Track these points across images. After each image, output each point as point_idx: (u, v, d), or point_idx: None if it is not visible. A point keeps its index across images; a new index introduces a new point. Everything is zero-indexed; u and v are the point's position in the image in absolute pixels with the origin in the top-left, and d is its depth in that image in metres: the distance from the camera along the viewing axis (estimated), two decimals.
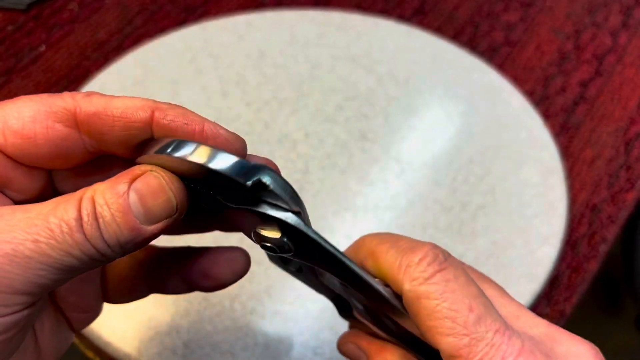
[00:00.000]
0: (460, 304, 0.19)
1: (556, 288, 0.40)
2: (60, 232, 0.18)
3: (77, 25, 0.52)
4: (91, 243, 0.18)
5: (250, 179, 0.19)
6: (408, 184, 0.42)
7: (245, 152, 0.21)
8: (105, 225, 0.18)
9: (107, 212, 0.18)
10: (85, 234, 0.18)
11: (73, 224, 0.18)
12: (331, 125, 0.45)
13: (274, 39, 0.49)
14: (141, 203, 0.19)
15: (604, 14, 0.53)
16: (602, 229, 0.42)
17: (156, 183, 0.19)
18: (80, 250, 0.18)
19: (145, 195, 0.19)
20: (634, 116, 0.47)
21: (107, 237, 0.18)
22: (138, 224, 0.18)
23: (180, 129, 0.20)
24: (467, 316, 0.19)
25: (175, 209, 0.19)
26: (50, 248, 0.18)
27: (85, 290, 0.24)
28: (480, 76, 0.48)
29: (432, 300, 0.20)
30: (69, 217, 0.18)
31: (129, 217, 0.18)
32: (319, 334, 0.37)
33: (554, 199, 0.42)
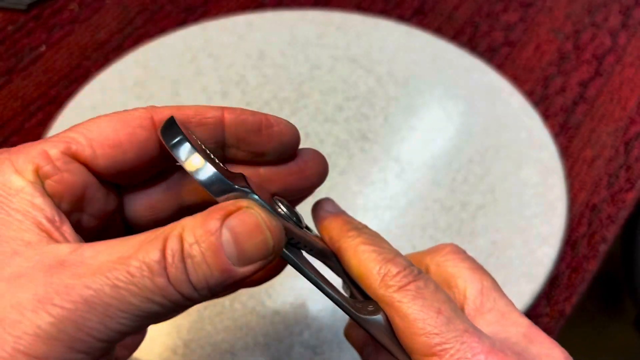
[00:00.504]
0: (430, 307, 0.21)
1: (556, 288, 0.40)
2: (140, 277, 0.16)
3: (78, 25, 0.52)
4: (175, 287, 0.17)
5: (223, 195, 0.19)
6: (408, 184, 0.42)
7: (298, 141, 0.23)
8: (194, 266, 0.17)
9: (197, 252, 0.17)
10: (169, 277, 0.16)
11: (155, 267, 0.16)
12: (331, 125, 0.45)
13: (274, 39, 0.49)
14: (235, 242, 0.17)
15: (603, 14, 0.53)
16: (602, 229, 0.42)
17: (253, 221, 0.18)
18: (163, 296, 0.16)
19: (239, 234, 0.17)
20: (634, 116, 0.47)
21: (194, 280, 0.17)
22: (230, 265, 0.17)
23: (249, 121, 0.21)
24: (437, 318, 0.20)
25: (271, 251, 0.18)
26: (130, 294, 0.16)
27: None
28: (480, 76, 0.48)
29: (404, 304, 0.21)
30: (151, 259, 0.16)
31: (221, 257, 0.17)
32: (319, 334, 0.37)
33: (553, 198, 0.42)
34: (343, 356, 0.36)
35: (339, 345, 0.36)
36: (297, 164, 0.23)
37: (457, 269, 0.24)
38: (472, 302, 0.23)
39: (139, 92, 0.47)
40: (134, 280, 0.16)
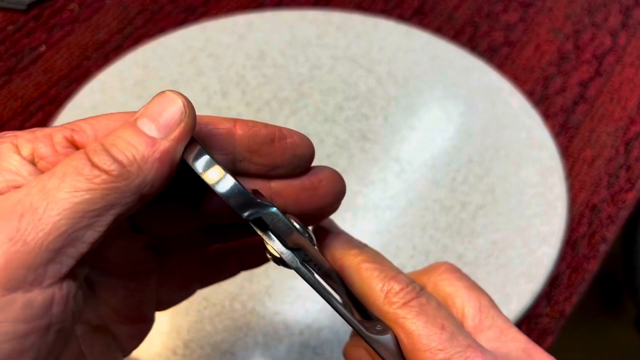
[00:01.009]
0: (434, 323, 0.21)
1: (556, 288, 0.40)
2: (64, 173, 0.17)
3: (78, 25, 0.52)
4: (101, 168, 0.17)
5: (249, 213, 0.19)
6: (408, 184, 0.42)
7: (312, 154, 0.23)
8: (117, 147, 0.18)
9: (116, 139, 0.18)
10: (92, 162, 0.17)
11: (80, 161, 0.17)
12: (331, 125, 0.45)
13: (274, 39, 0.49)
14: (150, 119, 0.18)
15: (603, 14, 0.53)
16: (602, 229, 0.42)
17: (164, 94, 0.19)
18: (92, 182, 0.17)
19: (152, 109, 0.19)
20: (634, 116, 0.47)
21: (119, 157, 0.17)
22: (151, 137, 0.18)
23: (261, 133, 0.21)
24: (441, 334, 0.21)
25: (185, 111, 0.19)
26: (60, 191, 0.17)
27: (142, 296, 0.24)
28: (480, 76, 0.48)
29: (408, 320, 0.21)
30: (74, 157, 0.17)
31: (140, 133, 0.18)
32: (319, 334, 0.37)
33: (553, 198, 0.42)
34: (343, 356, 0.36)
35: (339, 345, 0.36)
36: (310, 179, 0.23)
37: (454, 288, 0.24)
38: (470, 320, 0.23)
39: (139, 92, 0.47)
40: (62, 179, 0.17)
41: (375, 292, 0.22)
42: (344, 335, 0.37)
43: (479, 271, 0.39)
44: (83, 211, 0.17)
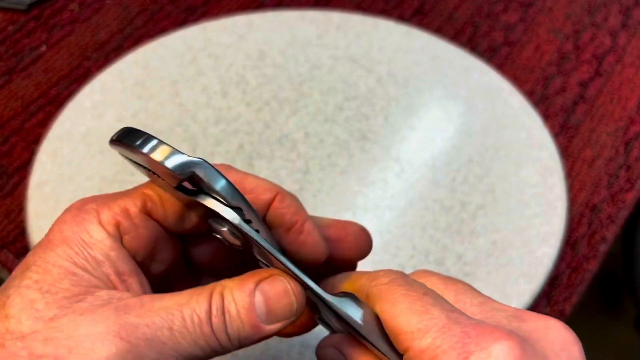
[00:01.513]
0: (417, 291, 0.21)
1: (556, 288, 0.40)
2: (191, 323, 0.20)
3: (78, 25, 0.52)
4: (216, 335, 0.20)
5: (184, 172, 0.20)
6: (408, 184, 0.42)
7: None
8: (231, 320, 0.20)
9: (233, 309, 0.20)
10: (212, 326, 0.20)
11: (204, 316, 0.20)
12: (331, 125, 0.45)
13: (274, 39, 0.49)
14: (265, 304, 0.21)
15: (603, 14, 0.53)
16: (602, 229, 0.42)
17: (282, 288, 0.21)
18: (206, 341, 0.20)
19: (270, 297, 0.21)
20: (634, 116, 0.47)
21: (230, 331, 0.20)
22: (259, 323, 0.20)
23: (287, 218, 0.23)
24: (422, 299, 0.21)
25: (295, 312, 0.21)
26: (182, 337, 0.19)
27: None
28: (479, 76, 0.48)
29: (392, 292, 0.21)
30: (201, 310, 0.20)
31: (252, 315, 0.20)
32: (319, 334, 0.37)
33: (553, 198, 0.42)
34: None
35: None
36: (337, 231, 0.25)
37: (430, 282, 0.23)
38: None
39: (139, 92, 0.47)
40: (186, 325, 0.19)
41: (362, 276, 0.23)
42: None
43: (479, 271, 0.39)
44: (185, 354, 0.20)
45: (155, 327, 0.19)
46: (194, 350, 0.20)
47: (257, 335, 0.21)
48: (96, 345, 0.18)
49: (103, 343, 0.18)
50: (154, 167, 0.20)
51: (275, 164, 0.43)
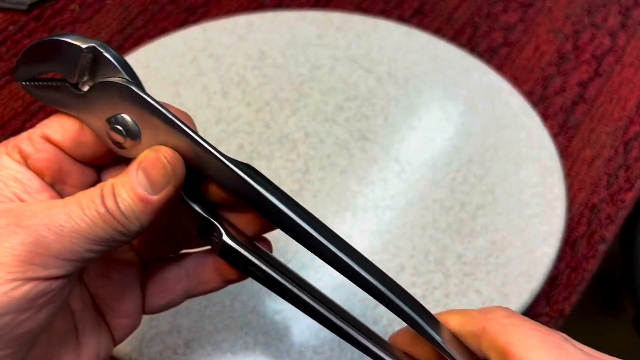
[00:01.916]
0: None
1: (555, 287, 0.40)
2: (87, 207, 0.22)
3: (79, 26, 0.52)
4: (111, 214, 0.22)
5: (86, 44, 0.23)
6: (408, 184, 0.42)
7: None
8: (121, 200, 0.22)
9: (121, 190, 0.22)
10: (106, 207, 0.22)
11: (97, 200, 0.22)
12: (331, 125, 0.45)
13: (274, 40, 0.49)
14: (145, 176, 0.23)
15: (602, 14, 0.53)
16: (601, 229, 0.42)
17: (154, 156, 0.23)
18: (104, 222, 0.22)
19: (147, 168, 0.23)
20: (633, 116, 0.47)
21: (123, 209, 0.22)
22: (146, 194, 0.22)
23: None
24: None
25: (172, 175, 0.23)
26: (80, 219, 0.22)
27: (126, 295, 0.27)
28: (479, 76, 0.48)
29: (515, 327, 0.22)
30: (94, 195, 0.22)
31: (138, 189, 0.22)
32: (319, 333, 0.37)
33: (553, 198, 0.42)
34: (343, 356, 0.36)
35: (339, 344, 0.36)
36: None
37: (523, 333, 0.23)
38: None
39: None
40: (83, 209, 0.22)
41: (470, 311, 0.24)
42: None
43: (479, 271, 0.39)
44: (92, 238, 0.22)
45: (55, 215, 0.21)
46: (96, 232, 0.22)
47: (149, 207, 0.23)
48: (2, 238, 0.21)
49: (6, 232, 0.21)
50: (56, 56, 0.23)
51: (275, 164, 0.43)
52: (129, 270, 0.28)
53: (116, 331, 0.27)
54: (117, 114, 0.24)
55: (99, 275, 0.27)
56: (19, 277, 0.20)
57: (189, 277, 0.28)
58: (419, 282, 0.39)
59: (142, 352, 0.36)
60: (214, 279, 0.28)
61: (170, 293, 0.28)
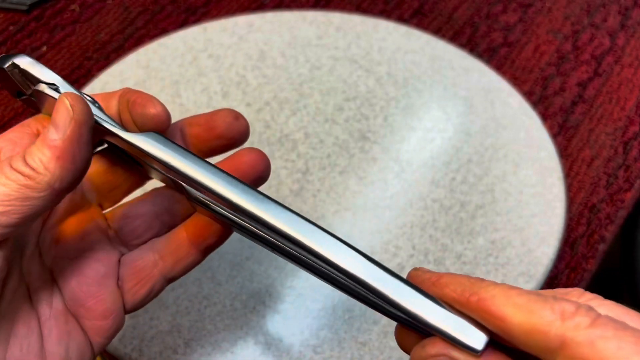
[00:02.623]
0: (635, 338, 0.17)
1: (555, 287, 0.40)
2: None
3: (79, 26, 0.52)
4: (16, 169, 0.22)
5: (5, 63, 0.24)
6: (407, 184, 0.43)
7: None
8: (29, 155, 0.22)
9: (32, 148, 0.22)
10: (11, 165, 0.22)
11: (3, 163, 0.22)
12: (331, 125, 0.45)
13: (274, 40, 0.50)
14: (52, 124, 0.22)
15: (602, 15, 0.53)
16: (601, 229, 0.42)
17: (59, 101, 0.23)
18: (8, 178, 0.21)
19: (53, 115, 0.23)
20: (633, 116, 0.48)
21: (30, 161, 0.22)
22: (52, 141, 0.22)
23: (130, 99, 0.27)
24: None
25: (71, 109, 0.23)
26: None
27: (103, 293, 0.26)
28: (479, 77, 0.48)
29: (608, 341, 0.17)
30: (2, 161, 0.22)
31: (44, 139, 0.22)
32: (318, 333, 0.37)
33: (552, 198, 0.42)
34: (343, 355, 0.36)
35: (339, 344, 0.37)
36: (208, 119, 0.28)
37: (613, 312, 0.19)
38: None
39: None
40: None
41: (543, 317, 0.18)
42: (344, 334, 0.37)
43: (478, 270, 0.39)
44: (7, 198, 0.21)
45: None
46: (11, 194, 0.21)
47: (56, 151, 0.22)
48: None
49: None
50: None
51: (275, 164, 0.43)
52: (105, 265, 0.26)
53: (96, 335, 0.26)
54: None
55: (73, 274, 0.26)
56: None
57: (164, 259, 0.27)
58: None
59: (143, 352, 0.36)
60: (190, 252, 0.27)
61: (147, 282, 0.27)
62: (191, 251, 0.27)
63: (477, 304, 0.19)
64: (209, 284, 0.38)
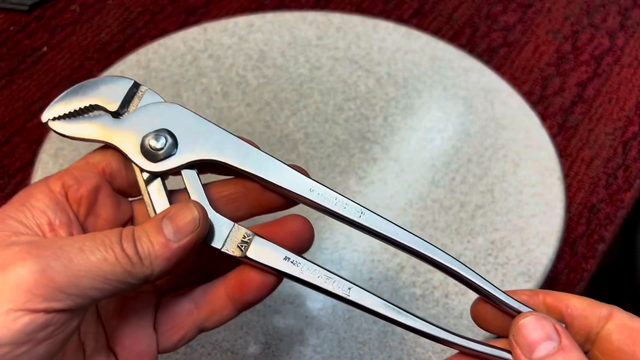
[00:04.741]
0: None
1: (554, 287, 0.40)
2: (102, 243, 0.21)
3: (79, 26, 0.52)
4: (126, 252, 0.22)
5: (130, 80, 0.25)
6: (407, 184, 0.43)
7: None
8: (141, 242, 0.22)
9: (142, 233, 0.22)
10: (122, 245, 0.22)
11: (114, 238, 0.22)
12: (331, 125, 0.45)
13: (274, 40, 0.50)
14: (171, 222, 0.23)
15: (601, 15, 0.54)
16: (600, 229, 0.42)
17: (185, 205, 0.23)
18: (116, 260, 0.21)
19: (174, 215, 0.23)
20: (632, 116, 0.48)
21: (140, 250, 0.22)
22: (167, 239, 0.22)
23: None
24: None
25: (198, 223, 0.23)
26: (91, 254, 0.21)
27: (140, 334, 0.26)
28: (478, 77, 0.48)
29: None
30: (113, 234, 0.22)
31: (160, 233, 0.22)
32: (318, 332, 0.37)
33: (552, 198, 0.42)
34: (343, 355, 0.36)
35: (339, 343, 0.37)
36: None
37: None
38: None
39: None
40: (96, 245, 0.21)
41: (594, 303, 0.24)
42: (344, 333, 0.37)
43: (478, 270, 0.39)
44: (101, 276, 0.21)
45: (67, 246, 0.21)
46: (105, 269, 0.21)
47: (167, 252, 0.22)
48: (6, 262, 0.20)
49: (17, 258, 0.20)
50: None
51: None
52: (144, 309, 0.27)
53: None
54: (158, 129, 0.25)
55: (115, 314, 0.26)
56: (19, 308, 0.20)
57: (199, 309, 0.27)
58: (418, 282, 0.39)
59: None
60: (226, 307, 0.27)
61: (181, 328, 0.27)
62: (227, 305, 0.27)
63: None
64: None
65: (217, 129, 0.25)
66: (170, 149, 0.24)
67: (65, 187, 0.24)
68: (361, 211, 0.25)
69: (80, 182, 0.24)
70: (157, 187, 0.25)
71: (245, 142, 0.25)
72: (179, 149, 0.24)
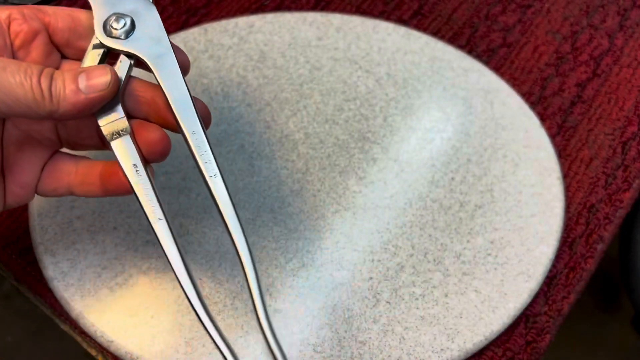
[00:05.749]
0: None
1: (554, 287, 0.40)
2: (23, 71, 0.25)
3: None
4: (41, 87, 0.25)
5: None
6: (407, 184, 0.43)
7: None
8: (56, 82, 0.26)
9: (60, 76, 0.26)
10: (40, 79, 0.25)
11: (35, 71, 0.25)
12: (331, 125, 0.45)
13: (274, 41, 0.50)
14: (86, 76, 0.26)
15: (601, 15, 0.54)
16: (599, 229, 0.43)
17: (102, 66, 0.27)
18: (31, 88, 0.25)
19: (91, 72, 0.27)
20: (631, 117, 0.48)
21: (53, 90, 0.25)
22: (78, 89, 0.26)
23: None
24: None
25: (108, 86, 0.27)
26: (11, 75, 0.25)
27: (28, 169, 0.30)
28: (478, 77, 0.48)
29: None
30: (35, 67, 0.26)
31: (74, 82, 0.26)
32: (319, 332, 0.37)
33: (551, 198, 0.42)
34: (343, 354, 0.36)
35: (339, 342, 0.37)
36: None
37: None
38: None
39: None
40: (18, 70, 0.25)
41: None
42: (344, 333, 0.37)
43: (477, 270, 0.39)
44: (13, 95, 0.25)
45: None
46: (16, 91, 0.25)
47: (73, 98, 0.26)
48: None
49: None
50: None
51: (275, 164, 0.43)
52: (41, 151, 0.31)
53: (8, 196, 0.30)
54: (125, 13, 0.29)
55: (16, 144, 0.30)
56: None
57: (77, 175, 0.31)
58: (418, 282, 0.39)
59: (143, 351, 0.36)
60: (95, 184, 0.31)
61: (57, 182, 0.31)
62: (96, 183, 0.31)
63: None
64: (210, 283, 0.38)
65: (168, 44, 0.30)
66: (123, 34, 0.29)
67: (11, 18, 0.28)
68: (215, 173, 0.29)
69: (26, 20, 0.28)
70: (95, 55, 0.29)
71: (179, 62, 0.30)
72: (130, 38, 0.29)
